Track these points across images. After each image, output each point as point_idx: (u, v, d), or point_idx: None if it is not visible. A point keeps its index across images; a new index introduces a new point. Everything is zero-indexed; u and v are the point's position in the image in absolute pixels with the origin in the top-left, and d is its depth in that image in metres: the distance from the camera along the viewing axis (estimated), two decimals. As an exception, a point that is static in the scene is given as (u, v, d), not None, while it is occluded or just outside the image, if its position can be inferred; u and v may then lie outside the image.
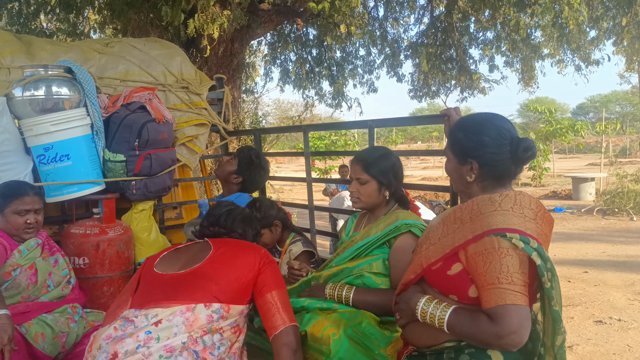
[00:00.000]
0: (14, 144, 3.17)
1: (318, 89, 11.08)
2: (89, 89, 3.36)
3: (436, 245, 1.71)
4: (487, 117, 1.76)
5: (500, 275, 1.50)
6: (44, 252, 2.76)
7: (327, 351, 2.01)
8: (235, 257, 2.04)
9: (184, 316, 1.83)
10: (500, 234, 1.54)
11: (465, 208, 1.70)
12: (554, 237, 1.83)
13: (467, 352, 1.62)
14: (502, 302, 1.49)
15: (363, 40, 10.53)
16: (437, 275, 1.68)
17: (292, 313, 2.00)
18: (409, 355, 1.82)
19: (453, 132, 1.80)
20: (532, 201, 1.65)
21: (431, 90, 11.32)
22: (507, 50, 9.91)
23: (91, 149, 3.35)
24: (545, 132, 17.80)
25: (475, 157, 1.70)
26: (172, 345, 1.76)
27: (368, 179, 2.36)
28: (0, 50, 3.41)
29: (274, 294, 1.98)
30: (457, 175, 1.77)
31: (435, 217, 1.86)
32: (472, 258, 1.58)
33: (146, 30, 6.47)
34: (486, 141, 1.69)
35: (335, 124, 6.84)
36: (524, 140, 1.69)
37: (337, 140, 18.01)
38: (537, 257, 1.52)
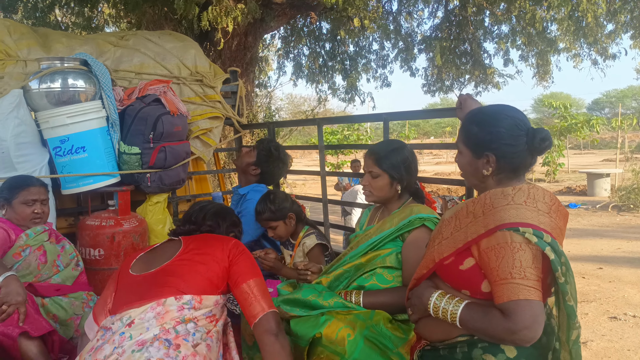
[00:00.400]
0: (31, 136, 3.20)
1: (331, 83, 11.05)
2: (104, 82, 3.38)
3: (448, 239, 1.69)
4: (500, 109, 1.74)
5: (513, 270, 1.49)
6: (51, 238, 2.85)
7: (343, 352, 2.01)
8: (203, 252, 2.02)
9: (155, 311, 1.82)
10: (513, 229, 1.52)
11: (478, 202, 1.67)
12: (568, 233, 1.81)
13: (481, 346, 1.61)
14: (514, 297, 1.47)
15: (376, 34, 10.47)
16: (449, 270, 1.67)
17: (270, 300, 1.97)
18: (422, 349, 1.82)
19: (466, 125, 1.77)
20: (545, 195, 1.63)
21: (445, 85, 11.22)
22: (522, 44, 9.80)
23: (107, 142, 3.37)
24: (560, 128, 17.63)
25: (492, 149, 1.67)
26: (143, 339, 1.75)
27: (380, 172, 2.35)
28: (17, 43, 3.44)
29: (250, 283, 1.96)
30: (472, 169, 1.75)
31: (447, 211, 1.83)
32: (485, 253, 1.56)
33: (160, 24, 6.48)
34: (503, 133, 1.67)
35: (349, 117, 6.79)
36: (539, 130, 1.67)
37: (350, 135, 17.98)
38: (551, 251, 1.50)
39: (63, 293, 2.74)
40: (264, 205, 2.98)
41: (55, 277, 2.79)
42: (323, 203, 3.78)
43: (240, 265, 2.00)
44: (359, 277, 2.32)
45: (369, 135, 18.86)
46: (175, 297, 1.86)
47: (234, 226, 2.38)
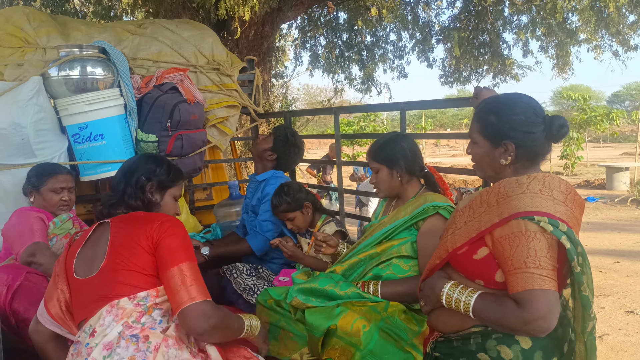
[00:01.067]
0: (50, 123, 3.23)
1: (348, 73, 11.00)
2: (122, 70, 3.39)
3: (462, 229, 1.68)
4: (516, 96, 1.72)
5: (527, 259, 1.47)
6: (75, 225, 2.89)
7: (358, 343, 2.01)
8: (130, 244, 1.80)
9: (112, 313, 1.73)
10: (528, 217, 1.50)
11: (492, 191, 1.66)
12: (585, 226, 1.79)
13: (495, 337, 1.60)
14: (529, 287, 1.46)
15: (394, 24, 10.39)
16: (463, 260, 1.65)
17: (204, 289, 1.76)
18: (435, 341, 1.81)
19: (482, 115, 1.74)
20: (561, 183, 1.61)
21: (462, 76, 11.11)
22: (542, 34, 9.65)
23: (124, 129, 3.40)
24: (579, 120, 17.37)
25: (511, 138, 1.65)
26: (109, 341, 1.67)
27: (378, 166, 2.41)
28: (37, 30, 3.47)
29: (182, 266, 1.74)
30: (489, 159, 1.72)
31: (461, 201, 1.82)
32: (499, 242, 1.54)
33: (177, 13, 6.49)
34: (522, 120, 1.65)
35: (367, 106, 6.77)
36: (557, 117, 1.66)
37: (366, 126, 17.91)
38: (567, 240, 1.48)
39: None
40: (279, 198, 2.99)
41: None
42: (339, 192, 3.78)
43: (165, 248, 1.77)
44: (375, 267, 2.32)
45: (385, 127, 18.76)
46: (129, 297, 1.75)
47: (150, 174, 2.05)
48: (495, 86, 10.60)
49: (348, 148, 17.32)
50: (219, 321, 1.76)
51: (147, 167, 2.06)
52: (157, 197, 2.06)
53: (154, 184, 2.05)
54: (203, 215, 4.10)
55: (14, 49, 3.40)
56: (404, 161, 2.38)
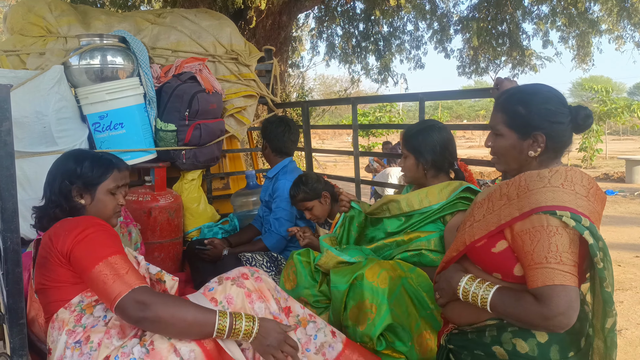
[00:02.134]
0: (71, 111, 3.27)
1: (364, 64, 10.93)
2: (142, 59, 3.42)
3: (480, 222, 1.65)
4: (541, 87, 1.68)
5: (548, 254, 1.45)
6: (122, 228, 2.83)
7: (383, 293, 2.02)
8: (45, 258, 1.74)
9: (56, 327, 1.71)
10: (550, 212, 1.48)
11: (512, 184, 1.63)
12: (604, 220, 1.75)
13: (510, 330, 1.58)
14: (550, 282, 1.43)
15: (411, 14, 10.29)
16: (481, 253, 1.63)
17: (132, 277, 1.65)
18: (450, 333, 1.79)
19: (508, 106, 1.69)
20: (583, 177, 1.58)
21: (480, 67, 10.98)
22: (562, 25, 9.49)
23: (144, 118, 3.42)
24: (599, 112, 17.10)
25: (542, 128, 1.62)
26: (59, 355, 1.64)
27: (407, 153, 2.37)
28: (58, 20, 3.50)
29: (98, 267, 1.64)
30: (516, 152, 1.68)
31: (480, 194, 1.79)
32: (519, 236, 1.52)
33: (195, 2, 6.49)
34: (552, 110, 1.62)
35: (385, 97, 6.76)
36: (582, 107, 1.64)
37: (382, 117, 17.84)
38: (590, 236, 1.46)
39: None
40: (297, 188, 3.00)
41: None
42: (356, 183, 3.77)
43: (78, 255, 1.67)
44: (403, 253, 2.30)
45: (400, 117, 18.67)
46: (64, 307, 1.71)
47: (71, 176, 1.88)
48: (514, 77, 10.48)
49: (363, 139, 17.28)
50: (162, 310, 1.61)
51: (66, 168, 1.88)
52: (88, 199, 1.89)
53: (78, 185, 1.87)
54: (220, 205, 4.13)
55: (36, 38, 3.44)
56: (431, 155, 2.32)
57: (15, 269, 1.68)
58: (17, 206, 1.65)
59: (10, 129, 1.61)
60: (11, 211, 1.64)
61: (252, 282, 1.88)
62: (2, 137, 1.61)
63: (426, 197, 2.29)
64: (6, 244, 1.64)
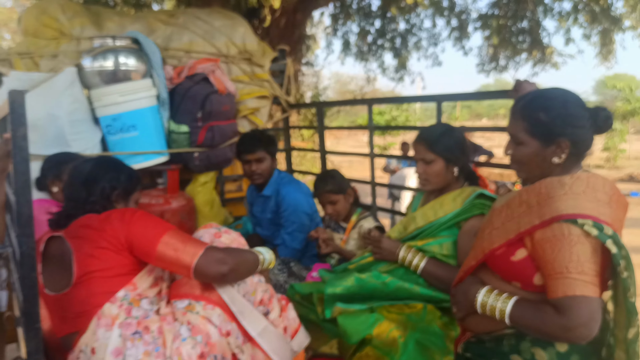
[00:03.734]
0: (84, 113, 3.26)
1: (380, 62, 10.84)
2: (155, 60, 3.39)
3: (499, 229, 1.62)
4: (561, 91, 1.64)
5: (569, 264, 1.41)
6: None
7: (394, 352, 1.98)
8: (95, 248, 1.78)
9: (102, 324, 1.72)
10: (571, 220, 1.44)
11: (532, 191, 1.59)
12: (627, 222, 1.70)
13: (529, 338, 1.55)
14: (570, 293, 1.40)
15: (428, 11, 10.17)
16: (500, 261, 1.60)
17: (199, 241, 1.80)
18: (467, 341, 1.77)
19: (528, 113, 1.63)
20: (605, 184, 1.54)
21: (499, 65, 10.83)
22: (585, 21, 9.31)
23: (156, 120, 3.40)
24: (623, 111, 16.77)
25: (567, 135, 1.57)
26: (115, 348, 1.68)
27: (433, 157, 2.26)
28: (71, 21, 3.49)
29: (164, 240, 1.74)
30: (540, 159, 1.62)
31: (498, 200, 1.75)
32: (539, 245, 1.49)
33: (208, 2, 6.47)
34: (575, 115, 1.58)
35: (401, 98, 6.69)
36: (601, 109, 1.59)
37: (398, 116, 17.74)
38: (612, 244, 1.41)
39: None
40: (326, 179, 3.01)
41: None
42: (371, 185, 3.71)
43: (138, 238, 1.76)
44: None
45: (417, 116, 18.55)
46: (109, 301, 1.74)
47: (113, 180, 2.01)
48: (535, 75, 10.30)
49: (380, 138, 17.19)
50: (234, 259, 1.83)
51: (109, 175, 2.00)
52: (122, 204, 2.03)
53: (119, 192, 2.01)
54: (234, 207, 4.09)
55: (49, 40, 3.44)
56: (463, 156, 2.28)
57: (31, 273, 1.69)
58: (32, 211, 1.66)
59: (25, 135, 1.62)
60: (27, 216, 1.65)
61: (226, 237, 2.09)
62: (17, 142, 1.62)
63: (441, 208, 2.24)
64: (22, 248, 1.65)
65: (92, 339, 1.73)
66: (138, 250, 1.78)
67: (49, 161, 2.72)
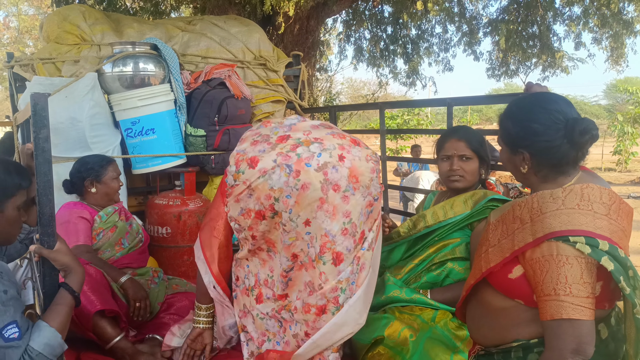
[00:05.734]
0: (104, 117, 3.35)
1: (392, 67, 10.90)
2: (173, 66, 3.48)
3: (495, 247, 1.58)
4: (536, 101, 1.57)
5: (557, 286, 1.37)
6: (121, 217, 2.87)
7: (405, 352, 2.00)
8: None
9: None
10: (562, 238, 1.38)
11: (525, 205, 1.53)
12: (636, 225, 1.61)
13: (537, 350, 1.51)
14: (557, 316, 1.36)
15: (439, 17, 10.21)
16: (499, 279, 1.56)
17: None
18: (477, 355, 1.74)
19: (502, 120, 1.64)
20: (603, 193, 1.45)
21: (510, 69, 10.84)
22: (594, 26, 9.30)
23: (174, 124, 3.49)
24: (634, 115, 16.68)
25: (525, 147, 1.54)
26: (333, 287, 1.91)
27: (472, 155, 2.32)
28: (92, 28, 3.59)
29: None
30: (512, 165, 1.63)
31: (493, 213, 1.71)
32: (529, 264, 1.45)
33: (224, 9, 6.57)
34: (536, 129, 1.51)
35: (413, 102, 6.70)
36: (580, 121, 1.47)
37: (410, 120, 17.74)
38: (609, 261, 1.35)
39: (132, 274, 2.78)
40: None
41: (118, 254, 2.79)
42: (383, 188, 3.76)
43: None
44: (429, 273, 2.28)
45: (429, 120, 18.54)
46: None
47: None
48: (545, 79, 10.29)
49: (392, 142, 17.21)
50: None
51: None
52: None
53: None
54: (248, 209, 4.16)
55: (70, 46, 3.54)
56: (491, 157, 2.37)
57: (52, 272, 1.74)
58: (54, 210, 1.71)
59: (48, 136, 1.67)
60: (48, 215, 1.69)
61: None
62: (40, 144, 1.66)
63: (451, 209, 2.28)
64: (44, 247, 1.69)
65: (295, 298, 2.00)
66: None
67: (85, 163, 2.79)
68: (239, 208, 1.91)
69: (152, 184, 3.85)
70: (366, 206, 1.91)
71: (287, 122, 1.98)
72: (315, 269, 1.88)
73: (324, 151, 1.84)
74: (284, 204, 1.83)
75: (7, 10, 20.22)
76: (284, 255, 1.93)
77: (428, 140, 16.71)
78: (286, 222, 1.86)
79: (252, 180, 1.83)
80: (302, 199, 1.81)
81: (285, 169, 1.80)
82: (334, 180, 1.83)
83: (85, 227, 2.68)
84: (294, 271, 1.94)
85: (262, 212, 1.87)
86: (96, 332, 2.32)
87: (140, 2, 7.99)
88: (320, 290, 1.89)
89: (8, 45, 19.47)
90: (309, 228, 1.86)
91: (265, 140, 1.91)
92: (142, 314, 2.52)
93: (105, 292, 2.41)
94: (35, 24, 18.17)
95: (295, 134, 1.90)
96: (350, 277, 1.90)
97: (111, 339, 2.32)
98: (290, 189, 1.81)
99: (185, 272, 3.38)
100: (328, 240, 1.85)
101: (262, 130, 1.98)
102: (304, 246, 1.89)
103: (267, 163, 1.82)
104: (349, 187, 1.85)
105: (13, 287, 1.60)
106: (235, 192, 1.89)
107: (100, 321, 2.32)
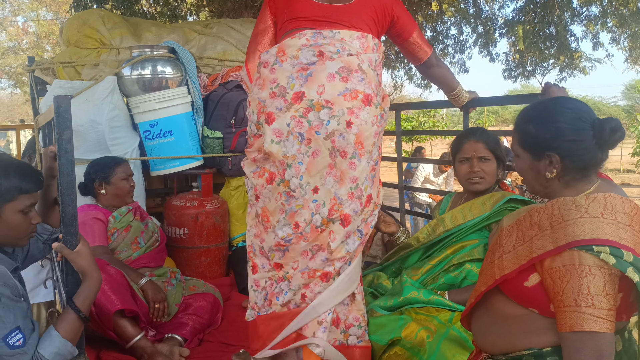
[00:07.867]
0: (123, 120, 3.40)
1: (407, 69, 10.88)
2: (190, 69, 3.52)
3: (510, 254, 1.52)
4: (557, 102, 1.53)
5: (578, 297, 1.32)
6: (136, 216, 2.90)
7: (422, 353, 2.00)
8: None
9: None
10: (586, 247, 1.34)
11: (544, 212, 1.48)
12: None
13: (550, 359, 1.45)
14: (577, 328, 1.32)
15: (455, 18, 10.18)
16: (513, 287, 1.51)
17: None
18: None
19: (520, 125, 1.58)
20: (625, 204, 1.41)
21: (527, 70, 10.76)
22: (613, 26, 9.19)
23: (191, 126, 3.53)
24: (654, 115, 16.43)
25: (554, 148, 1.48)
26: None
27: (490, 156, 2.32)
28: (111, 32, 3.65)
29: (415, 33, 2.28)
30: (534, 173, 1.55)
31: (506, 218, 1.64)
32: (548, 273, 1.40)
33: (240, 12, 6.62)
34: (564, 128, 1.47)
35: (428, 103, 6.66)
36: (608, 120, 1.45)
37: (425, 122, 17.68)
38: (634, 272, 1.30)
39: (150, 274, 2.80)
40: None
41: (135, 254, 2.82)
42: (399, 189, 3.76)
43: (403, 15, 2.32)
44: (447, 275, 2.27)
45: (445, 122, 18.46)
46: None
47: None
48: (562, 80, 10.20)
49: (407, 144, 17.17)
50: None
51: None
52: None
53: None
54: (265, 210, 4.18)
55: (90, 50, 3.60)
56: (505, 161, 2.37)
57: (75, 271, 1.77)
58: (76, 210, 1.74)
59: (70, 138, 1.71)
60: (71, 215, 1.73)
61: None
62: (63, 145, 1.70)
63: (470, 211, 2.28)
64: (67, 246, 1.72)
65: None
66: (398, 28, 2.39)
67: (95, 165, 2.84)
68: (255, 166, 2.08)
69: (170, 186, 3.89)
70: (370, 171, 2.03)
71: (304, 61, 2.01)
72: (319, 235, 1.99)
73: (332, 118, 1.93)
74: (295, 170, 1.95)
75: (26, 15, 20.55)
76: (286, 223, 2.00)
77: (444, 142, 16.63)
78: (295, 189, 1.96)
79: (267, 145, 1.96)
80: (312, 166, 1.95)
81: (298, 137, 1.94)
82: (341, 148, 1.94)
83: (101, 228, 2.72)
84: (292, 244, 2.01)
85: (273, 175, 1.99)
86: (116, 331, 2.35)
87: (157, 7, 8.09)
88: (327, 251, 1.99)
89: (27, 50, 19.78)
90: (317, 196, 1.97)
91: (282, 94, 1.98)
92: (161, 315, 2.56)
93: (125, 292, 2.44)
94: (54, 28, 18.43)
95: (309, 91, 1.95)
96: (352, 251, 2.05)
97: (131, 338, 2.36)
98: (302, 155, 1.95)
99: (203, 272, 3.41)
100: (336, 203, 1.97)
101: (279, 72, 2.03)
102: (307, 215, 1.97)
103: (281, 125, 1.95)
104: (355, 153, 1.96)
105: (8, 290, 1.58)
106: (255, 146, 2.07)
107: (121, 320, 2.35)
